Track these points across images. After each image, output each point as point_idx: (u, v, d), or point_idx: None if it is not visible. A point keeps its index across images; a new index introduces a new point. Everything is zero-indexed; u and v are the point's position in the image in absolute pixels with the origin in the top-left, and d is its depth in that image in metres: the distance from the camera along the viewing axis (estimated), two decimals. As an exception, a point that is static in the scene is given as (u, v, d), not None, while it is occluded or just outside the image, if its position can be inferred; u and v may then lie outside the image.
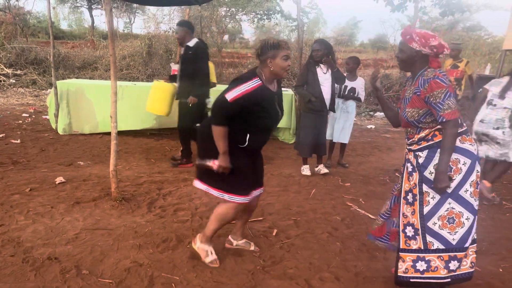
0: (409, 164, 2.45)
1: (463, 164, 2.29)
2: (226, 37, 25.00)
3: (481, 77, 6.01)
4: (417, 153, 2.39)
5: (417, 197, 2.37)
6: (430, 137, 2.35)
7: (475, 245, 2.44)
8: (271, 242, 3.22)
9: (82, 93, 6.43)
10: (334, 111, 5.05)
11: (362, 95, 5.40)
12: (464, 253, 2.36)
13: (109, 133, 3.90)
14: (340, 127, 5.37)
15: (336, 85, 4.95)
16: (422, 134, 2.38)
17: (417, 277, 2.39)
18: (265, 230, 3.43)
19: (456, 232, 2.33)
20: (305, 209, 3.96)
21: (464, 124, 2.38)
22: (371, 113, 10.45)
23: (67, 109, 6.41)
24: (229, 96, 2.46)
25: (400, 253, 2.45)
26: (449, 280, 2.38)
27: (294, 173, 5.14)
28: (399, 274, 2.43)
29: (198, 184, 2.79)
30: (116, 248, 2.97)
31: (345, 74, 5.24)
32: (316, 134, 4.94)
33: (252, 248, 3.08)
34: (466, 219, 2.32)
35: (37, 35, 20.34)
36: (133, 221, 3.46)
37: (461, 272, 2.39)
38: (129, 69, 12.14)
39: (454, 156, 2.28)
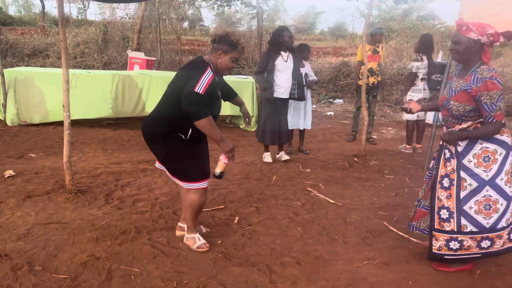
0: (447, 151, 2.56)
1: (499, 155, 2.43)
2: (186, 24, 24.50)
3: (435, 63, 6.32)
4: (457, 141, 2.49)
5: (455, 182, 2.50)
6: (472, 129, 2.46)
7: None
8: (232, 230, 3.21)
9: (31, 82, 6.09)
10: (299, 99, 5.02)
11: (313, 75, 5.44)
12: (496, 233, 2.51)
13: (62, 123, 3.72)
14: (301, 114, 5.40)
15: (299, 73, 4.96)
16: (464, 125, 2.48)
17: (450, 255, 2.56)
18: (226, 218, 3.42)
19: (491, 217, 2.49)
20: (266, 195, 3.98)
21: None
22: (331, 100, 10.63)
23: (14, 98, 6.06)
24: (199, 89, 2.49)
25: (433, 232, 2.60)
26: (479, 255, 2.56)
27: (256, 160, 5.15)
28: (433, 250, 2.59)
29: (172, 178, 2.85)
30: (72, 242, 2.86)
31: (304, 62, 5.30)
32: (277, 121, 4.94)
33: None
34: (501, 204, 2.48)
35: (-17, 21, 19.11)
36: (90, 213, 3.34)
37: (492, 250, 2.55)
38: (84, 56, 11.60)
39: (493, 147, 2.43)
